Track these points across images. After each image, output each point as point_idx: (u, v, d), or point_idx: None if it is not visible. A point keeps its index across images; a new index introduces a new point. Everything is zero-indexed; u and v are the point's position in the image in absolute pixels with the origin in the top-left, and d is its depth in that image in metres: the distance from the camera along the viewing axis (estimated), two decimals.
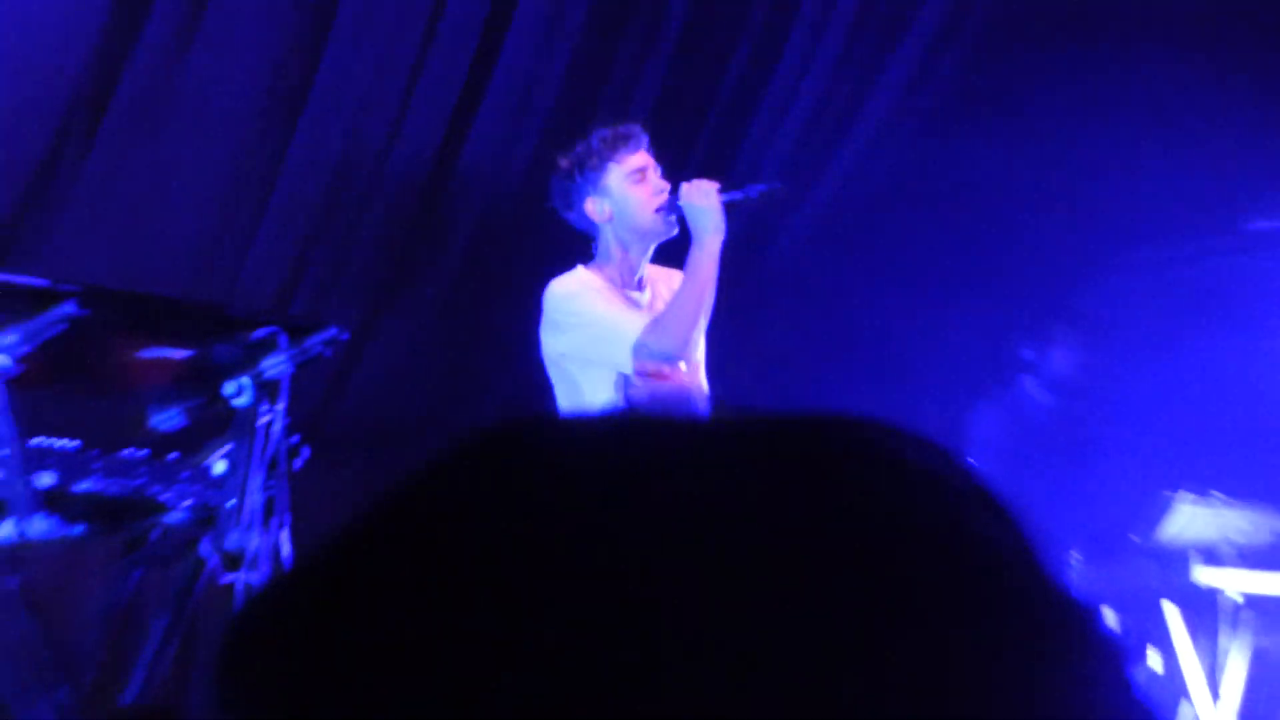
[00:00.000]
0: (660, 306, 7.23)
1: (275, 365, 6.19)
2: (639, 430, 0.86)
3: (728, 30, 10.18)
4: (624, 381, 7.13)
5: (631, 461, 0.80)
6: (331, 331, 6.48)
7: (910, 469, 0.82)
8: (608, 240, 7.41)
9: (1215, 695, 8.82)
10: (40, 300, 5.91)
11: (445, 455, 0.83)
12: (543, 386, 7.45)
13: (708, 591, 0.72)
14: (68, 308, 5.95)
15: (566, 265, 7.46)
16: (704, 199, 7.22)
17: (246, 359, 6.21)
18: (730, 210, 7.25)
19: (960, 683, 0.74)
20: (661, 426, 0.87)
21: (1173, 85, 10.29)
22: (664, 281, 7.39)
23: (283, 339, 6.25)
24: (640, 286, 7.36)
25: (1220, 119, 10.15)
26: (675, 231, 7.39)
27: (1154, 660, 8.66)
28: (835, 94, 10.45)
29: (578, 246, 7.48)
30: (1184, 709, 8.70)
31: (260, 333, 6.27)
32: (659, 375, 7.17)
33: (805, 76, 10.39)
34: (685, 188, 7.26)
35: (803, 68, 10.37)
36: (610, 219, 7.38)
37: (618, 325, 7.21)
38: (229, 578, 6.10)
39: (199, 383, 6.27)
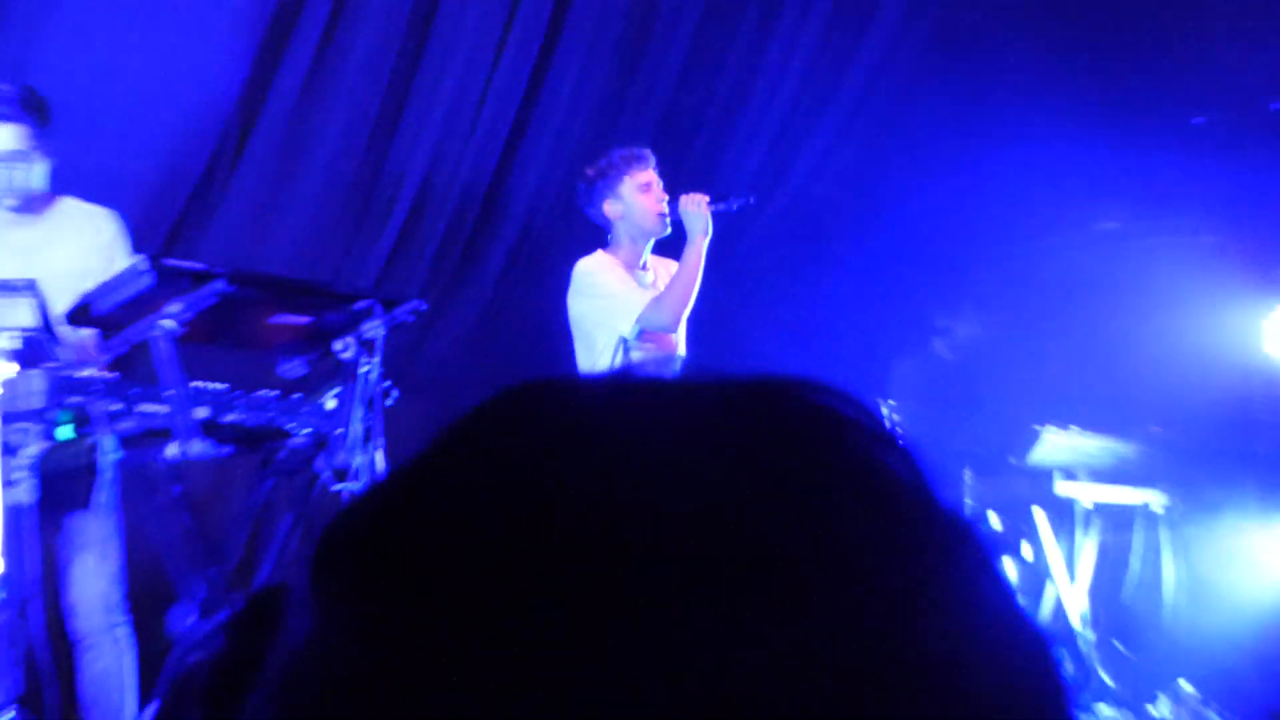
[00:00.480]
0: (660, 287, 7.27)
1: (372, 329, 6.19)
2: (632, 391, 0.80)
3: (712, 73, 10.15)
4: (624, 345, 7.18)
5: (625, 421, 0.76)
6: (414, 303, 6.50)
7: (836, 417, 0.77)
8: (619, 234, 7.46)
9: (1072, 577, 8.88)
10: (199, 279, 5.94)
11: (484, 407, 0.78)
12: (567, 345, 7.52)
13: (683, 527, 0.68)
14: (219, 285, 5.98)
15: (590, 251, 7.51)
16: (696, 208, 7.27)
17: (351, 324, 6.21)
18: (715, 217, 7.30)
19: (873, 582, 0.70)
20: (648, 388, 0.81)
21: (1045, 117, 10.29)
22: (663, 268, 7.42)
23: (378, 309, 6.27)
24: (645, 269, 7.41)
25: (1080, 145, 10.15)
26: (669, 231, 7.42)
27: (1026, 551, 8.69)
28: (790, 126, 10.42)
29: (597, 237, 7.52)
30: (1049, 587, 8.72)
31: (361, 304, 6.28)
32: (655, 340, 7.23)
33: (768, 113, 10.36)
34: (683, 199, 7.32)
35: (766, 107, 10.34)
36: (622, 218, 7.44)
37: (626, 297, 7.27)
38: (336, 487, 6.12)
39: (315, 342, 6.26)
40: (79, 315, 5.94)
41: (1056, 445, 8.75)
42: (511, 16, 9.36)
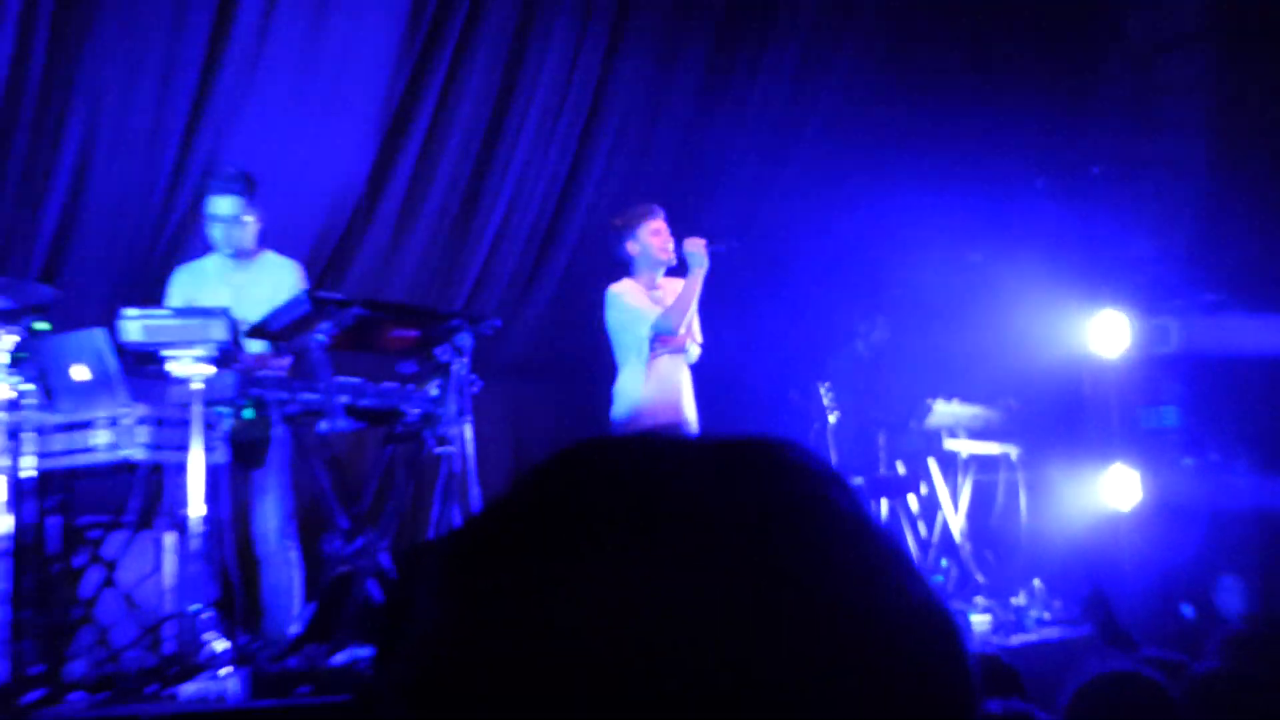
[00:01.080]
0: (669, 302, 7.26)
1: (462, 339, 6.22)
2: (658, 453, 0.73)
3: (703, 147, 10.04)
4: (650, 344, 7.23)
5: (655, 478, 0.70)
6: (492, 321, 6.52)
7: (803, 468, 0.73)
8: (638, 266, 7.32)
9: (955, 507, 8.92)
10: (341, 306, 5.97)
11: (553, 461, 0.74)
12: (604, 343, 7.49)
13: (701, 566, 0.65)
14: (355, 310, 6.02)
15: (618, 278, 7.50)
16: (696, 248, 7.21)
17: (447, 335, 6.22)
18: (709, 255, 7.30)
19: (829, 581, 0.67)
20: (670, 449, 0.74)
21: (933, 178, 10.24)
22: (671, 287, 7.32)
23: (466, 325, 6.30)
24: (657, 288, 7.38)
25: (957, 198, 10.09)
26: (675, 263, 7.39)
27: (924, 489, 8.78)
28: (757, 182, 10.38)
29: (623, 268, 7.49)
30: (939, 515, 8.77)
31: (454, 322, 6.30)
32: (665, 340, 7.24)
33: (741, 174, 10.30)
34: (686, 241, 7.23)
35: (740, 170, 10.31)
36: (639, 255, 7.34)
37: (643, 311, 7.17)
38: (438, 451, 6.13)
39: (422, 348, 6.27)
40: (257, 332, 6.02)
41: (943, 413, 8.82)
42: (560, 109, 9.31)
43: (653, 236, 7.41)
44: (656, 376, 7.26)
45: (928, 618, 0.70)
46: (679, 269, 7.43)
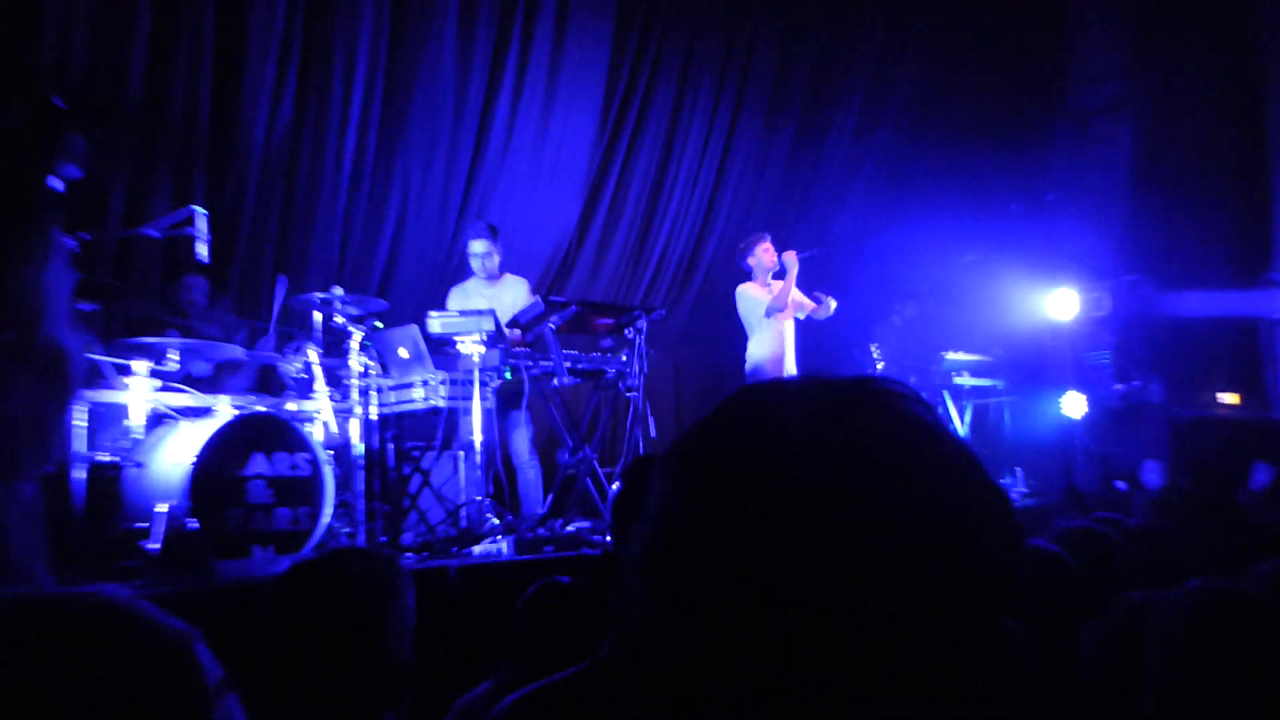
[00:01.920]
0: (778, 292, 7.11)
1: (641, 323, 6.18)
2: (793, 392, 0.70)
3: (792, 181, 9.99)
4: (765, 318, 7.15)
5: (796, 406, 0.67)
6: (659, 311, 6.45)
7: (898, 394, 0.70)
8: (755, 273, 7.19)
9: (962, 421, 8.72)
10: (564, 305, 5.94)
11: (730, 401, 0.71)
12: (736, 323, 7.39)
13: (834, 495, 0.62)
14: (573, 308, 5.99)
15: (743, 280, 7.33)
16: (789, 258, 7.06)
17: (631, 321, 6.17)
18: (800, 261, 7.18)
19: (921, 479, 0.64)
20: (801, 390, 0.71)
21: (942, 202, 10.05)
22: (776, 286, 7.22)
23: (642, 314, 6.27)
24: (768, 286, 7.23)
25: (957, 217, 9.90)
26: (779, 269, 7.25)
27: (940, 409, 8.58)
28: (831, 209, 10.26)
29: (746, 273, 7.37)
30: (951, 427, 8.63)
31: (635, 313, 6.25)
32: (779, 312, 7.09)
33: (818, 199, 10.19)
34: (784, 255, 7.17)
35: (817, 197, 10.21)
36: (755, 266, 7.23)
37: (759, 299, 7.04)
38: (628, 395, 6.12)
39: (616, 329, 6.25)
40: (513, 324, 6.02)
41: (953, 359, 8.60)
42: (700, 166, 9.20)
43: (764, 254, 7.27)
44: (768, 341, 7.13)
45: (990, 492, 0.67)
46: (782, 273, 7.29)
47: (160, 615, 0.72)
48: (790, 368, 7.23)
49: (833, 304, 7.34)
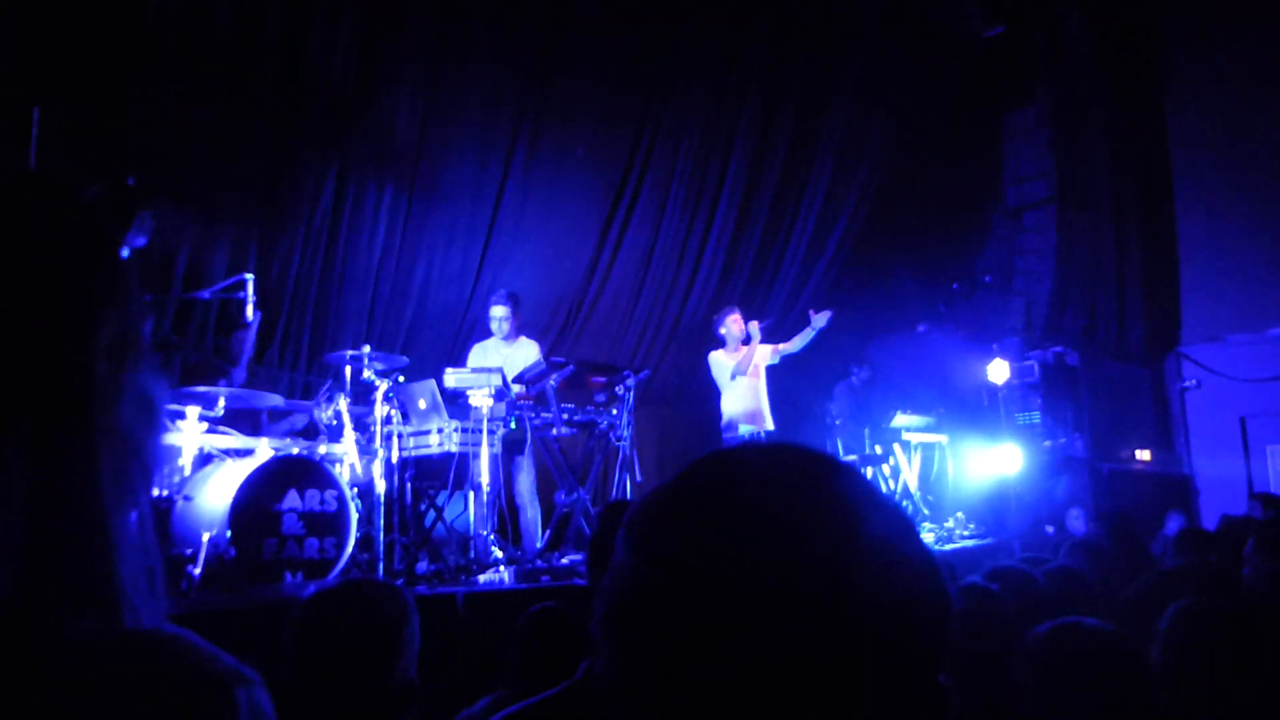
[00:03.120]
0: (741, 358, 7.12)
1: (629, 382, 6.20)
2: (763, 457, 0.66)
3: (764, 258, 10.04)
4: (734, 379, 7.15)
5: (755, 474, 0.64)
6: (646, 373, 6.49)
7: (846, 478, 0.65)
8: (726, 340, 7.23)
9: (910, 471, 8.70)
10: (563, 365, 5.98)
11: (697, 465, 0.67)
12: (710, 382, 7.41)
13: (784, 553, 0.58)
14: (571, 367, 6.02)
15: (716, 347, 7.36)
16: (755, 328, 7.15)
17: (622, 380, 6.21)
18: (761, 330, 7.19)
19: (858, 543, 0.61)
20: (767, 453, 0.67)
21: (895, 283, 10.09)
22: (744, 350, 7.27)
23: (631, 374, 6.28)
24: (737, 351, 7.24)
25: (910, 295, 9.95)
26: (746, 337, 7.28)
27: (892, 461, 8.56)
28: (795, 288, 10.28)
29: (719, 340, 7.39)
30: (901, 477, 8.55)
31: (625, 373, 6.28)
32: (742, 374, 7.10)
33: (788, 276, 10.24)
34: (750, 324, 7.21)
35: (786, 274, 10.25)
36: (725, 334, 7.25)
37: (726, 365, 7.09)
38: (617, 444, 6.11)
39: (608, 387, 6.26)
40: (518, 380, 6.04)
41: (903, 419, 8.61)
42: (684, 246, 9.24)
43: (734, 324, 7.31)
44: (738, 399, 7.14)
45: (926, 563, 0.65)
46: (749, 339, 7.30)
47: (210, 655, 0.67)
48: (764, 418, 7.22)
49: (820, 320, 7.33)
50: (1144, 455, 10.13)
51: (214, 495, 4.58)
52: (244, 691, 0.65)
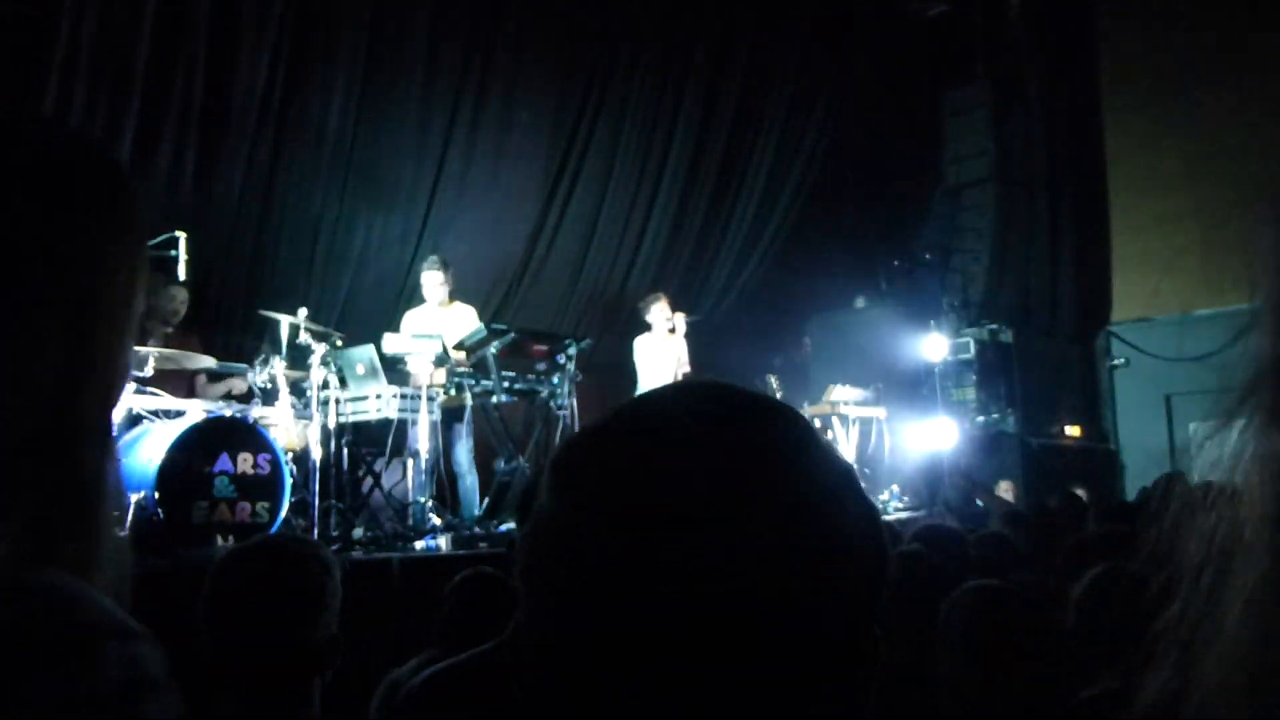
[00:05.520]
0: (669, 347, 7.10)
1: (571, 350, 6.19)
2: (687, 402, 0.62)
3: (705, 240, 10.06)
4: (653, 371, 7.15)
5: (680, 426, 0.59)
6: (588, 342, 6.49)
7: (787, 420, 0.61)
8: (654, 326, 7.18)
9: (849, 445, 8.79)
10: (504, 332, 5.96)
11: (618, 409, 0.64)
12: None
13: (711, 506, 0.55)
14: (513, 334, 6.00)
15: (642, 332, 7.38)
16: (681, 320, 7.08)
17: (564, 348, 6.19)
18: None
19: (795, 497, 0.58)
20: (692, 399, 0.62)
21: (834, 256, 10.18)
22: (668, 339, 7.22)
23: (573, 343, 6.27)
24: (662, 340, 7.19)
25: (852, 271, 10.03)
26: (674, 326, 7.23)
27: (830, 434, 8.61)
28: (737, 261, 10.32)
29: (645, 326, 7.39)
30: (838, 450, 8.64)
31: (567, 341, 6.26)
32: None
33: (727, 257, 10.27)
34: (676, 315, 7.19)
35: (728, 255, 10.27)
36: (653, 320, 7.20)
37: (650, 355, 7.07)
38: (559, 413, 6.11)
39: (549, 355, 6.24)
40: (458, 347, 5.99)
41: (839, 392, 8.67)
42: (628, 219, 9.20)
43: (659, 313, 7.27)
44: (653, 380, 7.10)
45: (863, 506, 0.61)
46: (674, 329, 7.28)
47: (88, 607, 0.63)
48: None
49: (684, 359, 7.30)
50: (1073, 430, 10.39)
51: (143, 456, 4.48)
52: (116, 644, 0.61)
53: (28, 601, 0.60)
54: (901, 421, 9.13)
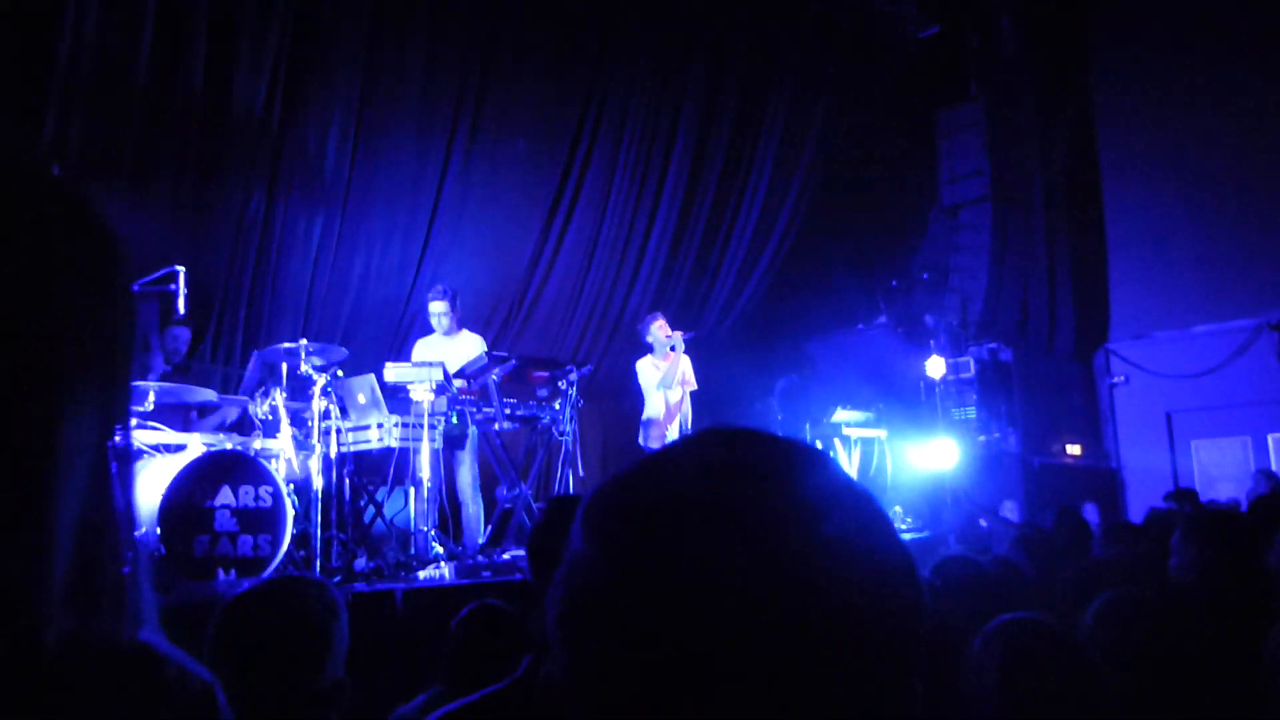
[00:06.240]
0: (666, 368, 7.02)
1: (572, 377, 6.17)
2: (721, 451, 0.62)
3: (703, 262, 10.07)
4: (659, 388, 7.10)
5: (721, 470, 0.59)
6: (589, 367, 6.47)
7: (820, 464, 0.61)
8: (654, 347, 7.04)
9: (850, 467, 8.73)
10: (505, 360, 5.94)
11: (666, 453, 0.64)
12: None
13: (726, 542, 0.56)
14: (513, 362, 5.99)
15: (644, 353, 7.23)
16: (678, 337, 6.92)
17: (565, 374, 6.18)
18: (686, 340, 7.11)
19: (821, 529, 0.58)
20: (726, 448, 0.62)
21: (838, 280, 10.20)
22: (672, 359, 7.15)
23: (574, 369, 6.25)
24: (665, 358, 7.15)
25: (858, 293, 10.05)
26: (674, 345, 7.17)
27: (832, 456, 8.55)
28: (736, 284, 10.34)
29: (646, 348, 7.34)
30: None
31: (568, 368, 6.24)
32: (667, 388, 7.05)
33: (727, 280, 10.28)
34: (675, 333, 7.10)
35: (726, 277, 10.29)
36: (653, 340, 7.06)
37: (653, 375, 7.01)
38: (560, 439, 6.09)
39: (552, 381, 6.22)
40: (460, 375, 5.96)
41: (843, 415, 8.65)
42: (626, 246, 9.23)
43: (659, 330, 7.20)
44: (660, 407, 7.01)
45: (899, 555, 0.60)
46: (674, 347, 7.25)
47: (189, 663, 0.70)
48: (674, 428, 7.12)
49: (691, 388, 7.19)
50: (1074, 449, 10.36)
51: (143, 492, 4.45)
52: (220, 694, 0.69)
53: (125, 664, 0.66)
54: (902, 442, 9.11)
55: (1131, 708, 1.56)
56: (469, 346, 6.42)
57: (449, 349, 6.33)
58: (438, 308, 6.38)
